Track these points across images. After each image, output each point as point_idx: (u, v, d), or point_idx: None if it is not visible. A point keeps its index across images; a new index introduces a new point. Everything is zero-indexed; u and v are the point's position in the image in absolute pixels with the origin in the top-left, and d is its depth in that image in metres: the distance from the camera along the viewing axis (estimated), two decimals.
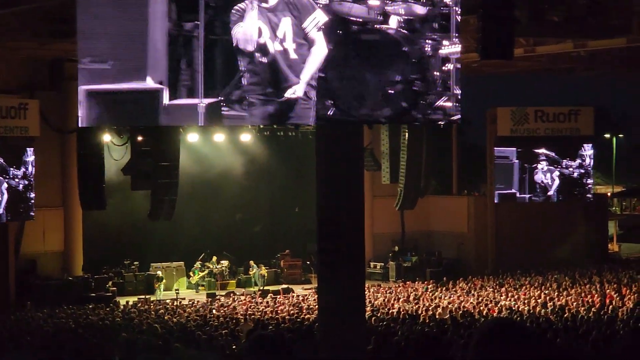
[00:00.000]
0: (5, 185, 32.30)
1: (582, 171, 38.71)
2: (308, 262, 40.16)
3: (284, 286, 38.22)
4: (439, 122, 18.33)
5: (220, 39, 17.27)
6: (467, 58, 32.06)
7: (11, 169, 32.59)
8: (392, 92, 17.99)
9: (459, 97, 18.28)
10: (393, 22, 17.84)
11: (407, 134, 34.42)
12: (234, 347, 19.14)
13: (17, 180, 32.61)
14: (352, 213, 20.48)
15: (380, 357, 16.58)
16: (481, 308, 28.14)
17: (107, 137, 32.95)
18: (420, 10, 17.98)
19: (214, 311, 29.96)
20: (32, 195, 33.07)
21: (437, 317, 25.83)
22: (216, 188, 41.19)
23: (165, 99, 17.14)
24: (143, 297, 35.05)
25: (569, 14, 29.17)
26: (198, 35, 17.08)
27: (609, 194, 67.28)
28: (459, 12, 18.01)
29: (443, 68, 18.24)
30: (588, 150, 38.97)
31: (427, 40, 18.07)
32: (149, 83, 17.12)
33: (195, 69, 17.16)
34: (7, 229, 34.69)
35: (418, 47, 17.98)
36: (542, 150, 38.46)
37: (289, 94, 17.27)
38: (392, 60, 17.99)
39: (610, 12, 29.94)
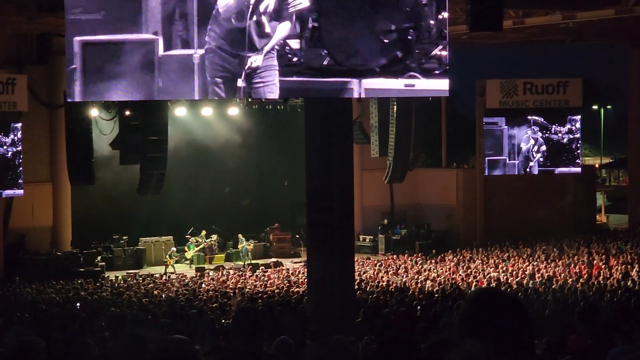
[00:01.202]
0: None
1: (571, 136, 38.71)
2: (297, 236, 40.19)
3: (274, 260, 38.23)
4: (435, 72, 18.23)
5: None
6: (456, 30, 32.01)
7: None
8: (386, 41, 17.92)
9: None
10: None
11: (395, 106, 34.35)
12: (223, 321, 19.18)
13: (5, 147, 32.44)
14: (342, 186, 20.50)
15: (369, 329, 16.62)
16: (470, 280, 28.21)
17: (95, 112, 32.83)
18: None
19: (203, 285, 29.99)
20: (21, 162, 32.84)
21: (426, 289, 25.92)
22: (205, 162, 41.11)
23: (160, 50, 17.06)
24: (132, 271, 35.06)
25: None
26: None
27: (597, 165, 67.43)
28: None
29: (439, 16, 18.17)
30: (577, 116, 38.99)
31: None
32: (144, 33, 17.02)
33: (189, 20, 17.08)
34: None
35: None
36: (532, 117, 38.45)
37: (249, 62, 17.23)
38: (386, 9, 17.90)
39: None
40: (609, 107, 71.95)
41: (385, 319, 17.71)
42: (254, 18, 17.19)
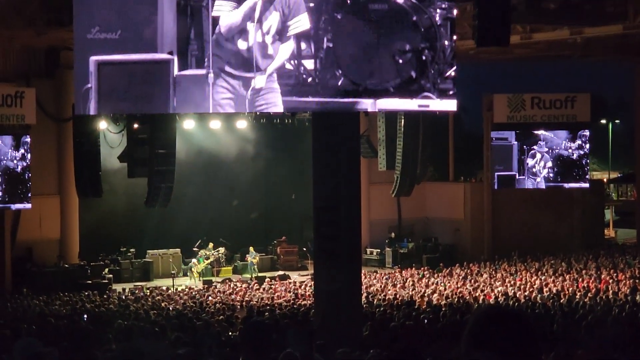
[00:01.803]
0: None
1: (582, 152, 38.64)
2: (304, 249, 40.17)
3: (281, 273, 38.23)
4: (449, 92, 18.25)
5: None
6: (464, 45, 32.05)
7: (10, 150, 32.56)
8: (401, 61, 17.96)
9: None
10: None
11: (403, 120, 34.40)
12: (230, 333, 19.17)
13: (15, 162, 32.55)
14: (349, 200, 20.51)
15: (376, 342, 16.60)
16: (477, 294, 28.17)
17: (103, 125, 32.92)
18: None
19: (210, 298, 30.01)
20: (30, 175, 32.96)
21: (434, 303, 25.88)
22: (213, 175, 41.15)
23: (175, 70, 17.14)
24: (140, 284, 35.09)
25: (565, 1, 29.15)
26: (206, 5, 17.10)
27: (605, 180, 67.28)
28: None
29: (453, 37, 18.21)
30: (585, 131, 38.92)
31: (436, 9, 18.05)
32: (159, 53, 17.12)
33: (204, 39, 17.17)
34: (4, 216, 34.69)
35: (427, 16, 17.94)
36: (541, 132, 38.39)
37: (252, 84, 17.31)
38: (401, 29, 17.95)
39: None
40: (617, 121, 71.88)
41: (393, 333, 17.70)
42: (258, 38, 17.27)
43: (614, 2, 30.47)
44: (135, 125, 29.86)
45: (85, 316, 23.66)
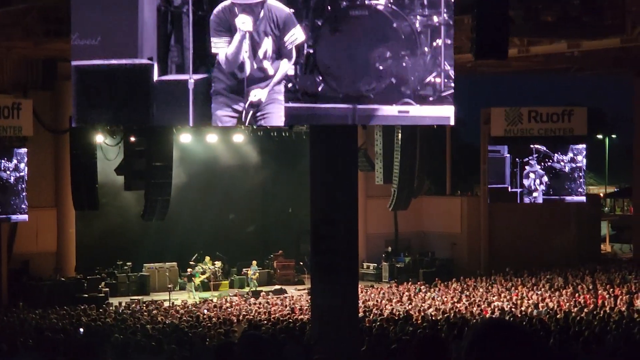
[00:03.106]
0: None
1: (574, 165, 38.57)
2: (301, 263, 40.09)
3: (277, 287, 38.15)
4: (429, 98, 18.26)
5: (208, 14, 17.28)
6: (462, 58, 32.07)
7: (2, 161, 32.47)
8: (382, 67, 17.97)
9: (450, 73, 18.26)
10: None
11: (400, 134, 34.39)
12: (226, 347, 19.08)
13: (8, 172, 32.45)
14: (346, 214, 20.49)
15: (373, 357, 16.56)
16: (474, 309, 28.12)
17: (100, 138, 32.86)
18: None
19: (206, 312, 29.94)
20: (24, 187, 32.84)
21: (430, 317, 25.82)
22: (209, 188, 41.08)
23: (155, 75, 17.12)
24: (136, 297, 34.98)
25: (563, 14, 29.19)
26: (187, 11, 17.09)
27: (601, 194, 67.29)
28: None
29: (433, 44, 18.23)
30: (580, 146, 38.84)
31: (416, 17, 18.08)
32: (139, 58, 17.10)
33: (184, 46, 17.16)
34: (0, 229, 34.62)
35: (407, 23, 17.97)
36: (535, 146, 38.37)
37: (252, 95, 17.31)
38: (382, 36, 17.98)
39: (604, 12, 29.96)
40: (613, 136, 71.96)
41: (390, 348, 17.65)
42: (255, 65, 17.28)
43: (612, 15, 30.51)
44: (132, 138, 29.82)
45: (82, 330, 23.56)
